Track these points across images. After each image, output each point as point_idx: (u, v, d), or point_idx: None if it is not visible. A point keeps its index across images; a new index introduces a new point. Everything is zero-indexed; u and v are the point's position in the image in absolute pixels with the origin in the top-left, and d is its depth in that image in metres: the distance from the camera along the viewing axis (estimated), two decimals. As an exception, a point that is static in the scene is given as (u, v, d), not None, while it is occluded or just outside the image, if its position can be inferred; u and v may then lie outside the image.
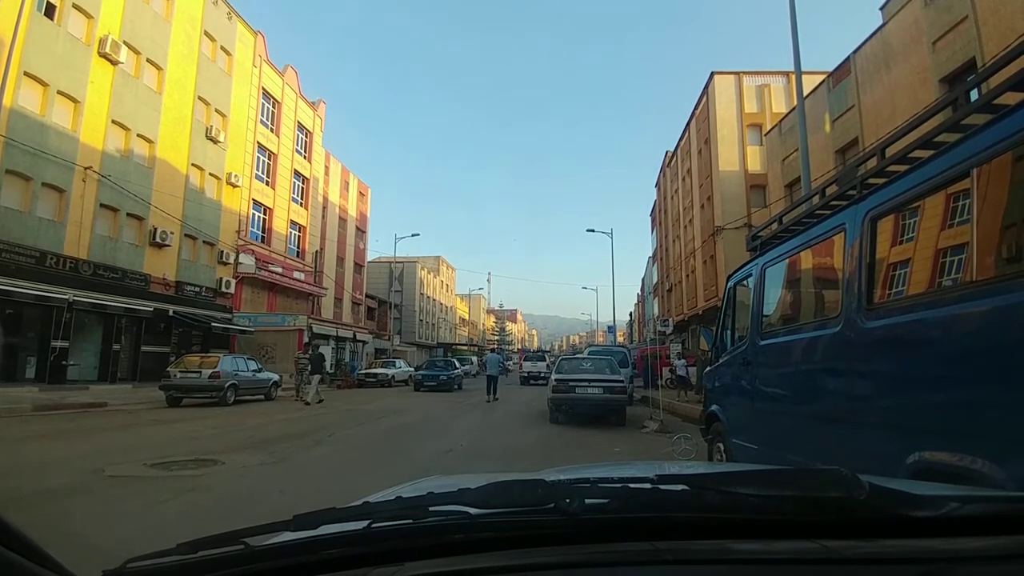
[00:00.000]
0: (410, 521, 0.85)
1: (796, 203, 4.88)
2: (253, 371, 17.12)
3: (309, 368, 17.86)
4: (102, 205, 19.07)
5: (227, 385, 15.17)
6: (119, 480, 5.74)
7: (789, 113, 21.57)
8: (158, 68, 21.53)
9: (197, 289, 23.78)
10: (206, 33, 24.36)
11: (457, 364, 28.36)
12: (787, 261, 4.18)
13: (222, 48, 25.59)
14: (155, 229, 21.12)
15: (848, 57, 17.40)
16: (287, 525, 0.83)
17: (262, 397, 17.44)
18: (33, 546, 0.60)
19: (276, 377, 18.60)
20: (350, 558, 0.82)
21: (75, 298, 17.34)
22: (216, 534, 0.82)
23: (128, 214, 20.18)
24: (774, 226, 4.79)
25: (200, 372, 14.93)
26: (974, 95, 2.69)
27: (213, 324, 23.34)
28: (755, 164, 27.63)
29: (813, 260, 3.87)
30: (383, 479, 5.61)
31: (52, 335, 16.98)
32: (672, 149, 41.85)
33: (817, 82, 19.22)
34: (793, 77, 12.55)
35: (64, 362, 17.46)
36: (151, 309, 20.45)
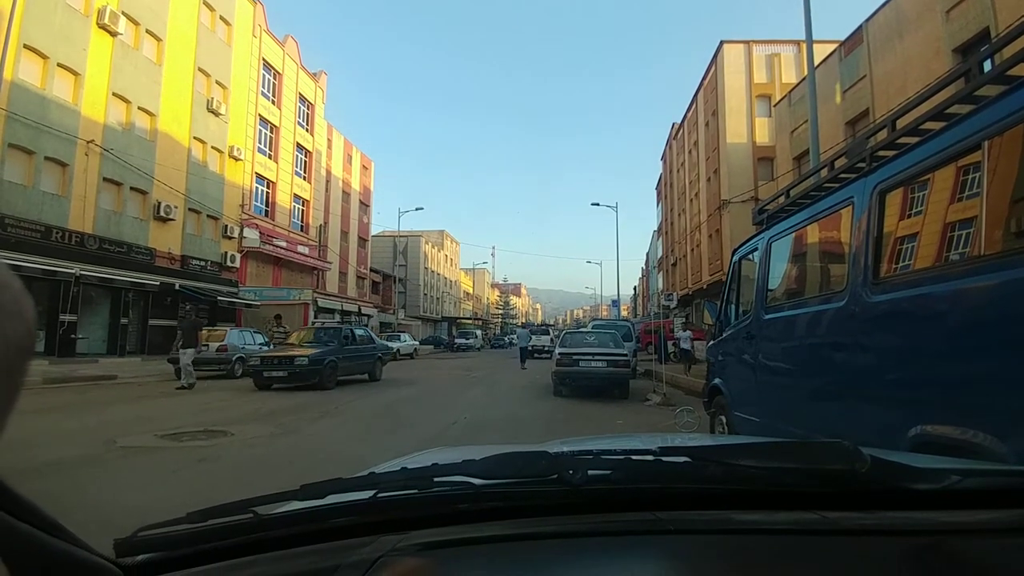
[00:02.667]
0: (415, 491, 0.86)
1: (804, 176, 4.82)
2: (260, 345, 17.24)
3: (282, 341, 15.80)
4: (105, 179, 19.03)
5: (234, 358, 15.32)
6: (131, 451, 5.85)
7: (799, 83, 21.19)
8: (157, 39, 21.24)
9: (202, 263, 23.84)
10: (205, 3, 23.96)
11: (359, 335, 15.83)
12: (794, 235, 4.15)
13: (221, 18, 25.19)
14: (159, 203, 21.09)
15: (860, 26, 17.01)
16: (295, 494, 0.85)
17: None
18: (44, 516, 0.61)
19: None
20: (357, 526, 0.83)
21: (82, 272, 17.42)
22: (226, 503, 0.83)
23: (132, 188, 20.14)
24: (781, 199, 4.75)
25: (208, 346, 15.06)
26: (987, 66, 2.63)
27: (219, 298, 23.47)
28: (763, 136, 27.24)
29: (820, 234, 3.84)
30: (388, 450, 5.69)
31: (60, 309, 17.12)
32: (679, 121, 41.31)
33: (828, 51, 18.83)
34: (804, 46, 12.30)
35: (73, 336, 17.64)
36: (157, 283, 20.55)
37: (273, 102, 29.99)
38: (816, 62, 12.26)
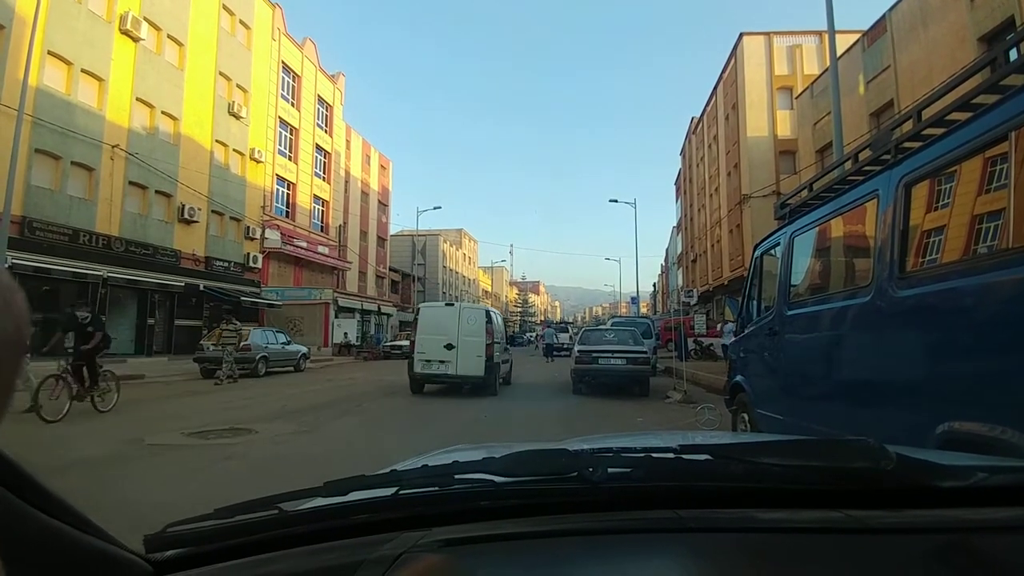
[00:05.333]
0: (436, 488, 0.87)
1: (827, 169, 4.74)
2: (282, 344, 17.51)
3: (236, 343, 14.38)
4: (131, 183, 19.41)
5: (258, 357, 15.57)
6: (158, 449, 5.97)
7: (821, 75, 20.82)
8: (179, 44, 21.59)
9: (226, 264, 24.22)
10: (224, 7, 24.29)
11: None
12: (817, 229, 4.08)
13: (241, 22, 25.52)
14: (183, 206, 21.46)
15: (884, 15, 16.68)
16: (319, 491, 0.86)
17: (292, 369, 17.85)
18: (75, 512, 0.62)
19: (305, 349, 19.03)
20: (379, 523, 0.84)
21: (109, 274, 17.81)
22: (252, 499, 0.85)
23: (156, 191, 20.51)
24: (804, 193, 4.67)
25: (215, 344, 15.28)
26: (1013, 54, 2.57)
27: (242, 298, 23.82)
28: (785, 129, 26.84)
29: (844, 228, 3.77)
30: (409, 448, 5.73)
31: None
32: (698, 115, 40.89)
33: (851, 41, 18.47)
34: (826, 37, 12.08)
35: (101, 336, 18.02)
36: (182, 284, 20.92)
37: (292, 104, 30.32)
38: (839, 53, 12.04)
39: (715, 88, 34.63)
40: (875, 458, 0.84)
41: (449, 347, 11.66)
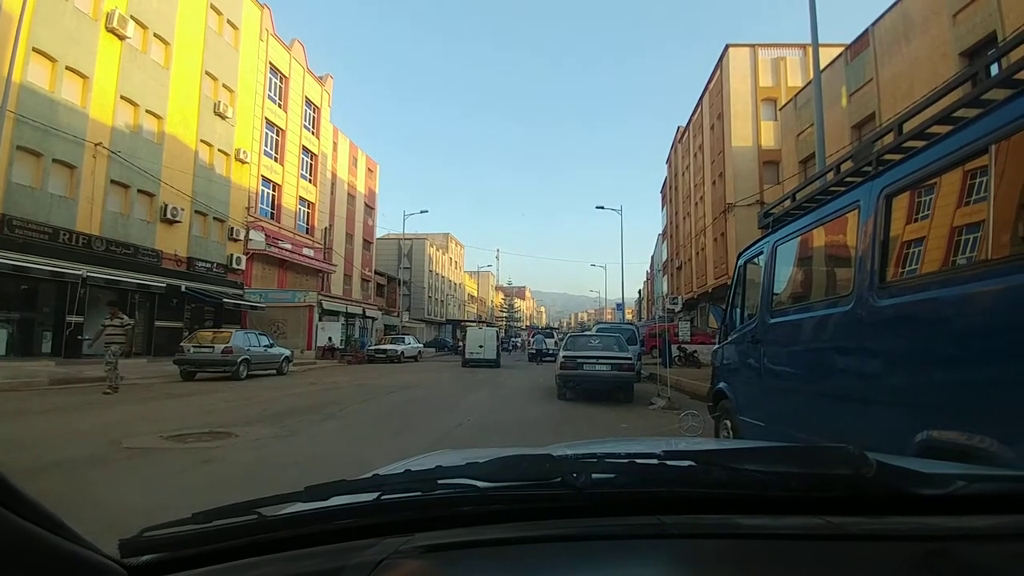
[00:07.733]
0: (419, 493, 0.86)
1: (810, 179, 4.80)
2: (265, 346, 17.33)
3: (123, 341, 12.04)
4: (113, 181, 19.12)
5: (239, 360, 15.37)
6: (136, 452, 5.86)
7: (805, 87, 21.14)
8: (165, 43, 21.36)
9: (208, 265, 23.94)
10: (212, 6, 24.09)
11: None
12: (799, 238, 4.13)
13: (228, 22, 25.32)
14: (166, 205, 21.19)
15: (867, 29, 16.99)
16: (300, 496, 0.85)
17: (274, 372, 17.67)
18: (49, 516, 0.61)
19: (287, 352, 18.85)
20: (361, 528, 0.83)
21: (89, 274, 17.51)
22: (231, 504, 0.83)
23: (139, 190, 20.23)
24: (787, 203, 4.73)
25: (213, 347, 15.13)
26: (994, 69, 2.62)
27: (225, 300, 23.55)
28: (769, 140, 27.20)
29: (826, 238, 3.82)
30: (393, 452, 5.69)
31: (67, 310, 17.20)
32: (684, 124, 41.30)
33: (835, 55, 18.80)
34: (810, 50, 12.28)
35: (79, 337, 17.71)
36: (164, 285, 20.63)
37: (279, 105, 30.13)
38: (822, 65, 12.24)
39: (701, 98, 35.02)
40: (855, 465, 0.85)
41: (481, 346, 25.63)
